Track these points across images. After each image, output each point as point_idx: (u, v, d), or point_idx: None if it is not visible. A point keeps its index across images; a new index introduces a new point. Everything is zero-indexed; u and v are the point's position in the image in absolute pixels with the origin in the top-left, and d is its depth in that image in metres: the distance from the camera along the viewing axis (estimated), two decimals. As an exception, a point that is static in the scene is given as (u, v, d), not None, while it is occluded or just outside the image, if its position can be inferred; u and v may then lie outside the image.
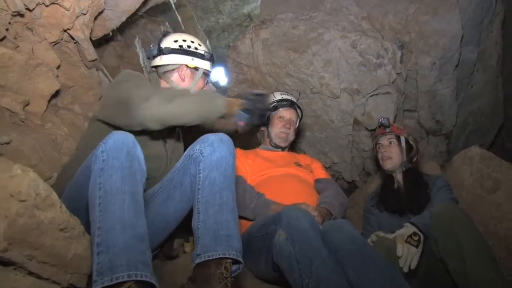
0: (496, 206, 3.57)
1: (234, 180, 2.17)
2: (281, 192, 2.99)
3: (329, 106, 4.45)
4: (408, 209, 3.20)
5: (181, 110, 2.23)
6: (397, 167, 3.42)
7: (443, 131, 4.77)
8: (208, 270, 1.90)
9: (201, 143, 2.17)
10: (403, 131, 3.52)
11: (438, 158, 4.81)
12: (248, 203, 2.89)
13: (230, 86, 4.75)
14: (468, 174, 3.79)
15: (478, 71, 4.94)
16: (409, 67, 4.41)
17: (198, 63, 2.73)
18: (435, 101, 4.57)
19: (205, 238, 1.96)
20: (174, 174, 2.28)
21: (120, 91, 2.29)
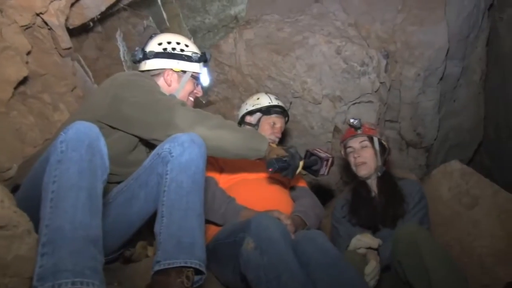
0: (473, 223, 3.52)
1: (203, 185, 2.00)
2: (253, 197, 2.83)
3: (310, 112, 4.33)
4: (382, 222, 2.99)
5: (224, 140, 2.17)
6: (372, 172, 3.13)
7: (423, 144, 4.69)
8: (168, 278, 1.73)
9: (171, 142, 1.99)
10: (375, 131, 3.21)
11: (417, 171, 4.72)
12: (217, 208, 2.72)
13: (210, 86, 4.60)
14: (446, 189, 3.73)
15: (462, 86, 4.88)
16: (393, 77, 4.32)
17: (184, 66, 2.54)
18: (417, 113, 4.49)
19: (167, 244, 1.79)
20: (141, 172, 2.10)
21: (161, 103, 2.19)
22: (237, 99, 4.48)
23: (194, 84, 2.60)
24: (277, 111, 3.28)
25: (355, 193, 3.21)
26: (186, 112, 2.16)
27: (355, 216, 3.07)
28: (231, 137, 2.20)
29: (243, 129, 2.33)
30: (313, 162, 2.59)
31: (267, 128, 3.22)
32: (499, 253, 3.33)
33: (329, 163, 2.59)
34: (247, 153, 2.28)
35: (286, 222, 2.54)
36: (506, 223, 3.42)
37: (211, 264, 2.64)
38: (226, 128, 2.20)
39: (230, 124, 2.28)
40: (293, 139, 4.53)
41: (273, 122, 3.24)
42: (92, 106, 2.25)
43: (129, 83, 2.27)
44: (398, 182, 3.13)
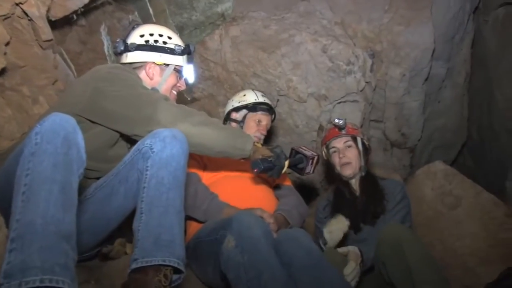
0: (456, 224, 3.52)
1: (184, 182, 1.94)
2: (236, 194, 2.76)
3: (295, 110, 4.29)
4: (363, 219, 2.96)
5: (207, 137, 2.13)
6: (357, 172, 3.11)
7: (408, 144, 4.67)
8: (145, 276, 1.66)
9: (152, 137, 1.92)
10: (358, 131, 3.21)
11: (401, 171, 4.70)
12: (199, 204, 2.65)
13: (195, 82, 4.53)
14: (429, 189, 3.73)
15: (446, 87, 4.87)
16: (378, 77, 4.29)
17: (167, 59, 2.46)
18: (402, 114, 4.46)
19: (145, 241, 1.73)
20: (121, 168, 2.03)
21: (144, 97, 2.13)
22: (222, 96, 4.42)
23: (177, 78, 2.53)
24: (263, 109, 3.22)
25: (337, 194, 3.18)
26: (169, 108, 2.10)
27: None
28: (215, 135, 2.15)
29: (227, 127, 2.29)
30: (298, 160, 2.54)
31: (253, 126, 3.16)
32: (481, 254, 3.34)
33: (315, 161, 2.55)
34: (230, 152, 2.23)
35: (269, 220, 2.49)
36: (488, 224, 3.44)
37: (192, 262, 2.59)
38: (210, 126, 2.15)
39: (214, 121, 2.22)
40: (278, 137, 4.49)
41: (258, 120, 3.18)
42: (71, 99, 2.17)
43: (110, 76, 2.19)
44: (380, 182, 3.11)
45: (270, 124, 3.31)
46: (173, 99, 2.53)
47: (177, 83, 2.54)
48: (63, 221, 1.47)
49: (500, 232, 3.38)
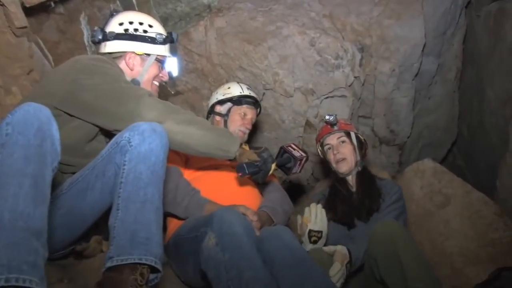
0: (445, 223, 3.54)
1: (163, 177, 1.91)
2: (219, 190, 2.75)
3: (281, 105, 4.27)
4: (357, 215, 2.98)
5: (191, 136, 2.12)
6: (352, 168, 3.12)
7: (396, 141, 4.67)
8: (120, 275, 1.64)
9: (130, 130, 1.89)
10: (351, 126, 3.22)
11: (389, 169, 4.70)
12: (180, 200, 2.62)
13: (179, 75, 4.49)
14: (418, 188, 3.74)
15: (437, 83, 4.86)
16: (367, 72, 4.27)
17: (148, 48, 2.42)
18: (391, 110, 4.45)
19: (121, 238, 1.70)
20: (98, 162, 1.99)
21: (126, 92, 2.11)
22: (206, 90, 4.37)
23: (159, 68, 2.49)
24: (248, 102, 3.21)
25: (333, 190, 3.19)
26: (153, 104, 2.08)
27: (330, 211, 3.01)
28: (199, 135, 2.13)
29: (213, 128, 2.27)
30: (286, 160, 2.56)
31: (237, 119, 3.15)
32: (470, 254, 3.36)
33: (303, 162, 2.58)
34: (214, 153, 2.22)
35: (252, 218, 2.47)
36: (477, 223, 3.45)
37: (171, 261, 2.57)
38: (195, 125, 2.14)
39: (200, 121, 2.21)
40: (263, 132, 4.47)
41: (243, 113, 3.16)
42: (48, 90, 2.13)
43: (91, 68, 2.15)
44: (378, 181, 3.12)
45: (255, 118, 3.30)
46: (154, 90, 2.50)
47: (159, 74, 2.50)
48: (33, 217, 1.43)
49: (489, 231, 3.39)
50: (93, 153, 2.06)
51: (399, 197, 3.00)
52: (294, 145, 2.64)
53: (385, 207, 2.94)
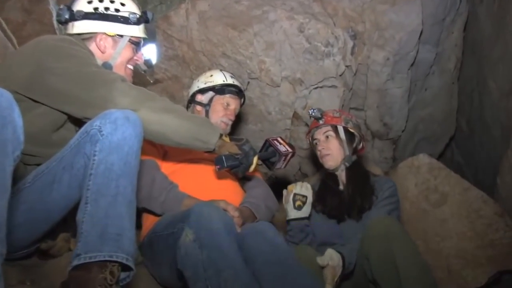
0: (441, 222, 3.55)
1: (137, 168, 1.91)
2: (199, 184, 2.76)
3: (267, 95, 4.27)
4: (348, 213, 3.00)
5: (168, 125, 2.11)
6: (339, 163, 3.13)
7: (390, 136, 4.67)
8: (88, 274, 1.63)
9: (101, 118, 1.87)
10: (339, 119, 3.20)
11: (382, 164, 4.72)
12: (156, 195, 2.63)
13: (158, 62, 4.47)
14: (413, 185, 3.75)
15: (434, 73, 4.87)
16: (360, 61, 4.27)
17: (120, 29, 2.39)
18: (385, 102, 4.46)
19: (90, 234, 1.69)
20: (66, 152, 1.96)
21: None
22: (188, 78, 4.36)
23: (133, 51, 2.47)
24: (232, 91, 3.21)
25: (323, 184, 3.23)
26: (127, 90, 2.06)
27: (320, 203, 3.07)
28: (177, 124, 2.12)
29: (192, 117, 2.25)
30: (270, 154, 2.58)
31: (220, 109, 3.15)
32: (468, 256, 3.37)
33: (288, 158, 2.60)
34: (193, 144, 2.21)
35: (233, 214, 2.49)
36: (475, 223, 3.46)
37: (147, 260, 2.57)
38: (172, 113, 2.13)
39: (178, 109, 2.20)
40: (248, 124, 4.47)
41: (226, 103, 3.16)
42: (10, 74, 2.10)
43: (57, 49, 2.13)
44: (372, 178, 3.14)
45: (239, 109, 3.31)
46: (128, 75, 2.47)
47: (133, 57, 2.48)
48: (-11, 209, 1.41)
49: (489, 232, 3.41)
50: (61, 143, 2.04)
51: (393, 193, 3.02)
52: (280, 139, 2.66)
53: (377, 202, 2.96)
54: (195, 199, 2.57)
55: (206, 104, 3.18)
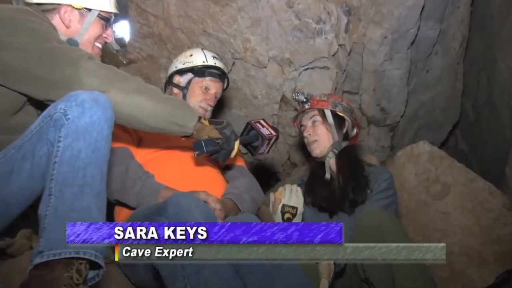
0: (443, 216, 3.55)
1: (107, 156, 1.89)
2: (177, 174, 2.77)
3: (252, 77, 4.29)
4: (340, 207, 2.99)
5: (141, 108, 2.09)
6: (326, 150, 3.11)
7: (388, 122, 4.70)
8: (51, 273, 1.61)
9: (66, 100, 1.85)
10: (327, 103, 3.18)
11: (379, 153, 4.75)
12: (130, 186, 2.63)
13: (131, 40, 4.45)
14: (412, 175, 3.77)
15: (437, 53, 4.88)
16: (355, 39, 4.28)
17: (88, 1, 2.37)
18: (382, 84, 4.48)
19: (54, 229, 1.67)
20: (26, 139, 1.94)
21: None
22: (165, 58, 4.38)
23: (102, 27, 2.45)
24: (213, 73, 3.18)
25: (312, 175, 3.24)
26: (95, 68, 2.03)
27: (309, 194, 3.08)
28: (151, 107, 2.11)
29: (168, 99, 2.24)
30: (252, 138, 2.60)
31: (198, 93, 3.13)
32: (473, 253, 3.38)
33: (272, 141, 2.62)
34: (168, 128, 2.22)
35: (215, 206, 2.50)
36: (481, 217, 3.47)
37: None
38: (145, 94, 2.11)
39: (152, 90, 2.18)
40: (232, 109, 4.49)
41: (206, 87, 3.15)
42: None
43: (13, 21, 2.09)
44: (367, 168, 3.13)
45: (221, 93, 3.30)
46: (96, 54, 2.45)
47: (102, 34, 2.46)
48: None
49: (496, 227, 3.41)
50: (20, 128, 2.02)
51: (389, 185, 3.01)
52: (263, 121, 2.67)
53: (372, 195, 2.96)
54: (173, 190, 2.57)
55: (183, 87, 3.16)
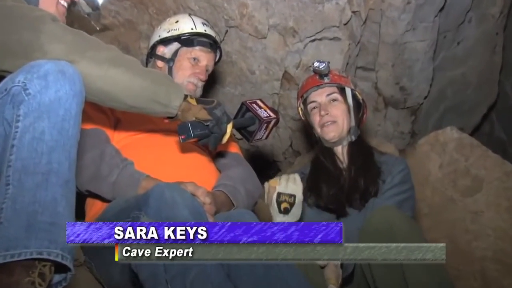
0: (473, 216, 3.56)
1: (77, 138, 1.88)
2: (160, 162, 2.76)
3: (250, 49, 4.29)
4: (349, 200, 2.98)
5: (116, 82, 2.07)
6: (343, 135, 3.11)
7: (408, 103, 4.70)
8: (9, 277, 1.60)
9: (27, 72, 1.82)
10: (348, 80, 3.18)
11: (397, 140, 4.75)
12: (105, 174, 2.60)
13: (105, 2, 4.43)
14: (437, 166, 3.76)
15: (471, 21, 4.85)
16: (371, 5, 4.28)
17: None
18: (403, 59, 4.48)
19: (12, 225, 1.64)
20: None
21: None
22: (146, 25, 4.36)
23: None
24: (203, 43, 3.19)
25: (317, 165, 3.21)
26: (61, 33, 2.00)
27: (313, 194, 3.06)
28: (127, 81, 2.09)
29: (149, 72, 2.23)
30: (248, 121, 2.59)
31: (187, 66, 3.13)
32: (508, 260, 3.37)
33: (271, 125, 2.62)
34: (149, 107, 2.20)
35: (204, 199, 2.48)
36: (519, 217, 3.46)
37: (91, 259, 2.58)
38: (122, 67, 2.09)
39: (129, 61, 2.17)
40: (225, 87, 4.50)
41: (195, 58, 3.14)
42: None
43: None
44: (378, 156, 3.14)
45: (213, 67, 3.30)
46: (61, 14, 2.41)
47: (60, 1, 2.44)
48: None
49: (537, 229, 3.42)
50: None
51: (405, 178, 3.02)
52: (260, 102, 2.67)
53: (385, 190, 2.96)
54: (156, 181, 2.55)
55: (169, 59, 3.16)
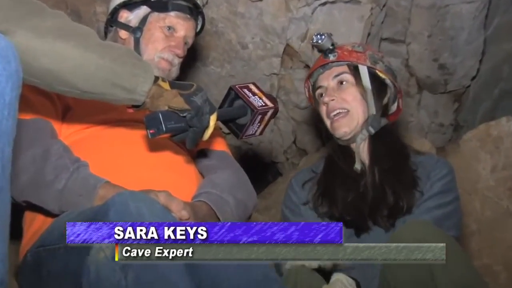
0: (536, 234, 3.54)
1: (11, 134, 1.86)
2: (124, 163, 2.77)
3: (241, 15, 4.32)
4: (373, 217, 2.94)
5: (65, 60, 2.05)
6: (357, 129, 3.06)
7: (450, 86, 4.71)
8: None
9: None
10: (363, 55, 3.12)
11: (434, 135, 4.74)
12: (51, 179, 2.59)
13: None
14: (488, 170, 3.77)
15: (537, -24, 4.85)
16: (400, -45, 4.30)
17: None
18: (443, 28, 4.49)
19: None
20: None
21: None
22: (103, -16, 4.37)
23: None
24: (180, 6, 3.18)
25: (330, 164, 3.20)
26: None
27: (325, 200, 3.04)
28: (79, 57, 2.09)
29: (108, 46, 2.24)
30: (237, 111, 2.56)
31: (159, 37, 3.12)
32: None
33: (267, 117, 2.59)
34: (107, 93, 2.19)
35: (180, 214, 2.48)
36: None
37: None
38: (72, 39, 2.09)
39: (82, 32, 2.18)
40: (209, 66, 4.53)
41: (170, 26, 3.14)
42: None
43: None
44: (414, 157, 3.11)
45: (193, 38, 3.31)
46: None
47: None
48: None
49: None
50: None
51: (449, 185, 3.00)
52: (254, 86, 2.63)
53: (422, 201, 2.93)
54: (118, 188, 2.54)
55: (135, 27, 3.14)
